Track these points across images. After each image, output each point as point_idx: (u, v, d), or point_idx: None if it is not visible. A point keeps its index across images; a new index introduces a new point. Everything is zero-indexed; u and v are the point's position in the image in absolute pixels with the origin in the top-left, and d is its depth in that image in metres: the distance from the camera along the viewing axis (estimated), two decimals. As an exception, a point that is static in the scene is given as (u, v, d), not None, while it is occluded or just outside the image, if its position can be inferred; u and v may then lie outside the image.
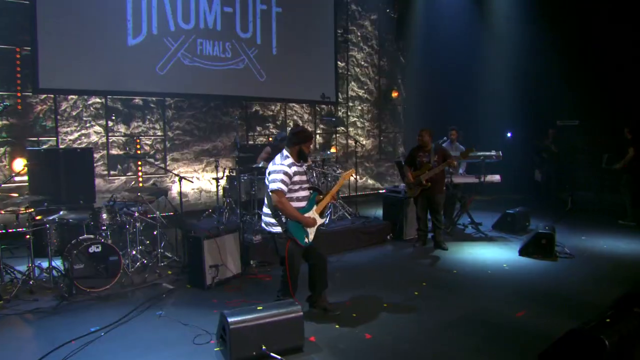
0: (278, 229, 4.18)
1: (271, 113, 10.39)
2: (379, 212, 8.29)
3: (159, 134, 8.88)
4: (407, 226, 7.57)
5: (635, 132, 8.19)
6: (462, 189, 8.12)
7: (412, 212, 7.57)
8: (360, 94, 12.00)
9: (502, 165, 8.25)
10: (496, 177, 7.96)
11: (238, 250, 5.65)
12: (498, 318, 4.42)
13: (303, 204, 4.27)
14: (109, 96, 8.31)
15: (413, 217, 7.60)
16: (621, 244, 6.96)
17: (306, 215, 4.23)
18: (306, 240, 4.22)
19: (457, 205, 8.11)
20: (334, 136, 11.52)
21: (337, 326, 4.28)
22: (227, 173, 7.73)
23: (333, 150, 11.09)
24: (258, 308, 3.70)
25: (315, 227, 4.31)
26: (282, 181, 4.08)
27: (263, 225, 4.37)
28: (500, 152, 7.79)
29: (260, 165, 6.84)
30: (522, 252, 6.49)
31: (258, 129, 10.16)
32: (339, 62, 11.25)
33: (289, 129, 10.51)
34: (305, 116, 10.95)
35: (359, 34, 11.86)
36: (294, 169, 4.21)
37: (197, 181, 9.34)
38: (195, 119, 9.28)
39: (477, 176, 7.91)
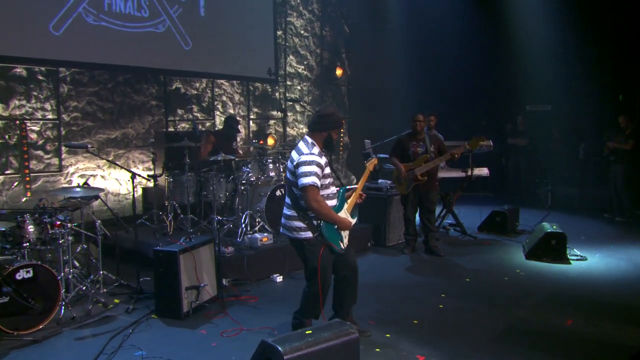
0: (308, 234, 4.22)
1: (195, 92, 10.13)
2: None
3: (50, 117, 8.21)
4: (389, 230, 7.94)
5: (635, 122, 9.39)
6: (444, 185, 8.69)
7: (396, 212, 7.96)
8: (300, 70, 12.16)
9: (464, 160, 8.74)
10: (484, 171, 8.65)
11: (214, 266, 5.54)
12: (548, 328, 4.90)
13: (334, 202, 4.34)
14: (-23, 62, 7.53)
15: (396, 219, 8.00)
16: (628, 243, 8.01)
17: (340, 215, 4.32)
18: (342, 245, 4.31)
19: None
20: (269, 122, 11.55)
21: (377, 350, 4.43)
22: (156, 170, 7.45)
23: (271, 141, 11.11)
24: (307, 332, 3.71)
25: (349, 230, 4.42)
26: (317, 175, 4.12)
27: (284, 230, 4.36)
28: (490, 141, 8.46)
29: (219, 158, 6.72)
30: (529, 256, 7.17)
31: (179, 112, 9.86)
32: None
33: (217, 113, 10.36)
34: (236, 97, 10.84)
35: (297, -6, 12.04)
36: (324, 159, 4.28)
37: (102, 180, 8.83)
38: (99, 97, 8.73)
39: (463, 169, 8.50)
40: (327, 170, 4.30)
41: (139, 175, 5.91)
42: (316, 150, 4.25)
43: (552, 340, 4.64)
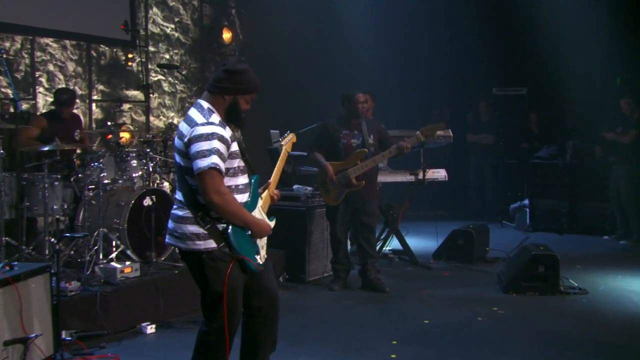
0: (209, 244, 4.14)
1: (5, 56, 9.82)
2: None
3: None
4: (310, 258, 8.05)
5: None
6: (387, 194, 8.90)
7: (319, 232, 8.16)
8: (169, 30, 12.10)
9: (412, 158, 9.03)
10: (441, 173, 8.95)
11: (50, 309, 5.34)
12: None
13: (245, 196, 4.32)
14: None
15: (319, 242, 8.19)
16: (638, 272, 8.54)
17: (254, 215, 4.33)
18: (258, 260, 4.29)
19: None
20: (123, 107, 11.35)
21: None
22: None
23: (126, 135, 10.91)
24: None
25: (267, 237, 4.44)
26: (219, 153, 4.06)
27: (172, 239, 4.25)
28: (450, 130, 8.79)
29: (54, 148, 6.51)
30: (509, 288, 7.49)
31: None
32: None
33: (40, 90, 10.08)
34: (71, 66, 10.61)
35: None
36: (229, 131, 4.24)
37: None
38: None
39: (412, 172, 8.73)
40: (235, 147, 4.26)
41: None
42: (216, 118, 4.19)
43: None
